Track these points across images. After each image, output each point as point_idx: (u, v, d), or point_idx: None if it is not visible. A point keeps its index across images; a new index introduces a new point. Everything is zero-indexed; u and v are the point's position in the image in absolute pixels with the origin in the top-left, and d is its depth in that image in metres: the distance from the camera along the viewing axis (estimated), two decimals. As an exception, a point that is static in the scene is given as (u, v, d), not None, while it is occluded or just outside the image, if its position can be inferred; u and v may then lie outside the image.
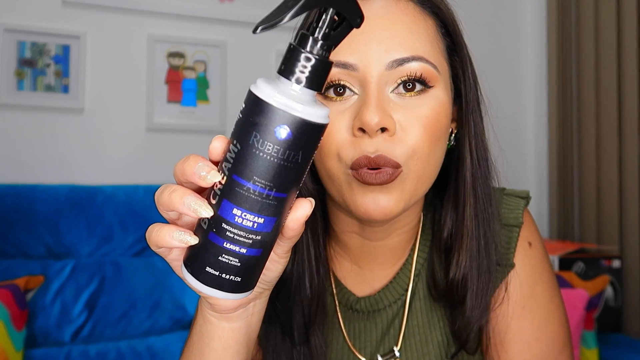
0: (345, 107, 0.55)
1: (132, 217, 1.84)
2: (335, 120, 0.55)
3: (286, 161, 0.38)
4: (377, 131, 0.53)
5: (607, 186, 2.18)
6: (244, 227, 0.40)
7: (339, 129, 0.55)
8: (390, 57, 0.54)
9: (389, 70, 0.54)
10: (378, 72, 0.54)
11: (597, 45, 2.23)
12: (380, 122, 0.52)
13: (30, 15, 1.91)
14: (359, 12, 0.40)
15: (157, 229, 0.42)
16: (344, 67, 0.55)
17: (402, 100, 0.55)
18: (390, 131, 0.53)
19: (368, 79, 0.54)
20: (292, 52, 0.39)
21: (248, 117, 0.39)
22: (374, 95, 0.53)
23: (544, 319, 0.64)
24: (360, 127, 0.53)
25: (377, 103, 0.53)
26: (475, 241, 0.61)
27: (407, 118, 0.55)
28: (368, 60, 0.54)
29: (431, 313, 0.66)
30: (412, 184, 0.56)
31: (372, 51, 0.54)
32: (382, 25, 0.55)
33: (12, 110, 1.89)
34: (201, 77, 2.12)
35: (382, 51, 0.54)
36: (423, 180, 0.57)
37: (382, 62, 0.54)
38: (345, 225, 0.64)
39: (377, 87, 0.54)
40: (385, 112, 0.53)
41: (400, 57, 0.54)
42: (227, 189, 0.40)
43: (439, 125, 0.56)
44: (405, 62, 0.54)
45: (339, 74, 0.55)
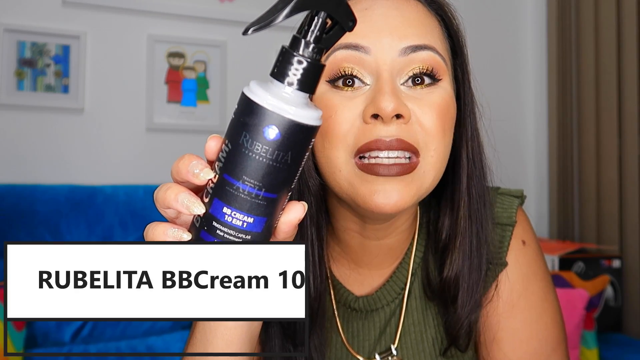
0: (355, 95, 0.55)
1: (132, 217, 1.84)
2: (343, 107, 0.55)
3: (275, 161, 0.39)
4: (392, 118, 0.52)
5: (607, 186, 2.18)
6: (233, 225, 0.40)
7: (349, 115, 0.54)
8: (404, 44, 0.55)
9: (402, 57, 0.55)
10: (391, 58, 0.54)
11: (597, 45, 2.23)
12: (396, 108, 0.52)
13: (30, 15, 1.91)
14: (351, 15, 0.40)
15: (152, 227, 0.43)
16: (355, 49, 0.55)
17: (413, 91, 0.55)
18: (405, 118, 0.53)
19: (381, 66, 0.54)
20: (284, 54, 0.39)
21: (239, 118, 0.40)
22: (388, 83, 0.53)
23: (537, 316, 0.65)
24: (374, 113, 0.52)
25: (392, 90, 0.53)
26: (467, 240, 0.62)
27: (420, 107, 0.55)
28: (381, 44, 0.55)
29: (426, 311, 0.67)
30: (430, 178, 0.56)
31: (385, 37, 0.55)
32: (394, 17, 0.56)
33: (12, 110, 1.89)
34: (201, 77, 2.12)
35: (395, 38, 0.55)
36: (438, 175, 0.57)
37: (395, 48, 0.55)
38: (346, 223, 0.64)
39: (389, 75, 0.54)
40: (400, 99, 0.53)
41: (414, 44, 0.55)
42: (218, 188, 0.40)
43: (450, 115, 0.57)
44: (418, 49, 0.55)
45: (350, 58, 0.55)
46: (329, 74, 0.56)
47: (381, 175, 0.53)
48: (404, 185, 0.54)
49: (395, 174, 0.53)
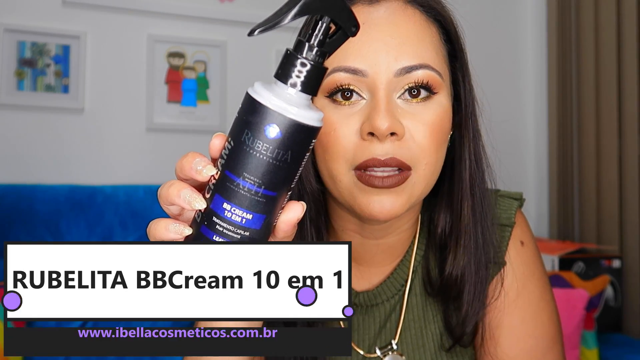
0: (353, 111, 0.58)
1: (132, 217, 1.84)
2: (343, 123, 0.57)
3: (275, 160, 0.40)
4: (387, 135, 0.55)
5: (607, 186, 2.18)
6: (232, 221, 0.41)
7: (347, 132, 0.57)
8: (399, 65, 0.57)
9: (397, 77, 0.57)
10: (387, 79, 0.57)
11: (597, 45, 2.23)
12: (390, 127, 0.54)
13: (30, 15, 1.91)
14: (354, 21, 0.42)
15: (155, 223, 0.45)
16: (353, 72, 0.57)
17: (409, 106, 0.58)
18: (399, 135, 0.56)
19: (377, 85, 0.57)
20: (289, 57, 0.41)
21: (242, 117, 0.41)
22: (383, 101, 0.56)
23: (534, 315, 0.67)
24: (370, 131, 0.55)
25: (386, 108, 0.55)
26: (473, 238, 0.64)
27: (414, 123, 0.57)
28: (377, 67, 0.57)
29: (426, 308, 0.69)
30: (420, 189, 0.59)
31: (381, 58, 0.57)
32: (390, 33, 0.58)
33: (12, 110, 1.89)
34: (201, 77, 2.12)
35: (391, 59, 0.57)
36: (429, 184, 0.60)
37: (391, 69, 0.57)
38: (345, 224, 0.66)
39: (385, 93, 0.56)
40: (394, 118, 0.55)
41: (409, 65, 0.57)
42: (220, 184, 0.42)
43: (443, 130, 0.59)
44: (413, 69, 0.57)
45: (347, 79, 0.57)
46: (328, 88, 0.58)
47: (376, 187, 0.56)
48: (395, 196, 0.57)
49: (389, 186, 0.56)
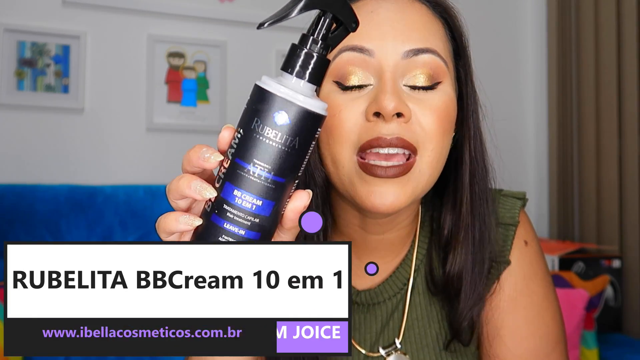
0: (359, 95, 0.57)
1: (132, 217, 1.84)
2: (348, 105, 0.57)
3: (284, 145, 0.42)
4: (393, 116, 0.55)
5: (607, 186, 2.18)
6: (243, 208, 0.43)
7: (352, 114, 0.57)
8: (406, 47, 0.57)
9: (405, 60, 0.57)
10: (394, 61, 0.57)
11: (597, 45, 2.23)
12: (396, 107, 0.54)
13: (30, 15, 1.91)
14: (354, 17, 0.45)
15: (164, 216, 0.45)
16: (360, 51, 0.57)
17: (414, 93, 0.57)
18: (405, 117, 0.55)
19: (384, 67, 0.56)
20: (294, 49, 0.44)
21: (251, 106, 0.43)
22: (390, 83, 0.56)
23: (537, 314, 0.67)
24: (376, 111, 0.55)
25: (393, 90, 0.55)
26: (470, 236, 0.64)
27: (420, 108, 0.57)
28: (385, 48, 0.57)
29: (429, 307, 0.68)
30: (425, 178, 0.58)
31: (388, 40, 0.57)
32: (398, 20, 0.58)
33: (12, 110, 1.89)
34: (201, 77, 2.12)
35: (398, 41, 0.57)
36: (434, 175, 0.59)
37: (398, 51, 0.57)
38: (348, 217, 0.66)
39: (392, 76, 0.56)
40: (401, 99, 0.55)
41: (416, 47, 0.57)
42: (230, 172, 0.43)
43: (449, 118, 0.59)
44: (420, 52, 0.57)
45: (355, 60, 0.57)
46: (336, 74, 0.58)
47: (378, 177, 0.55)
48: (400, 187, 0.56)
49: (392, 176, 0.55)
